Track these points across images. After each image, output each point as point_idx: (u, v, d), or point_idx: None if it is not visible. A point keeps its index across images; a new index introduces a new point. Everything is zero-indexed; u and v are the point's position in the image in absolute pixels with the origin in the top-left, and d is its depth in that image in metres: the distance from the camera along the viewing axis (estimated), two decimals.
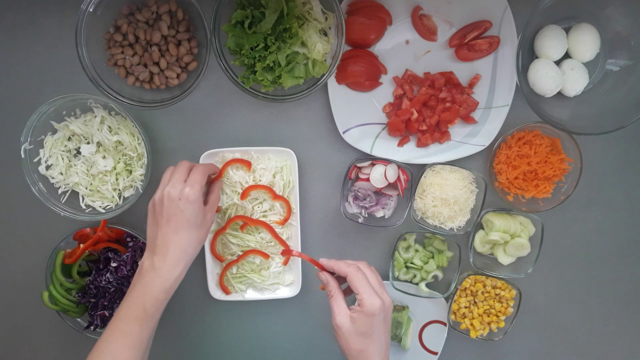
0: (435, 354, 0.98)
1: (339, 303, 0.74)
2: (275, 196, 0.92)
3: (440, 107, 0.91)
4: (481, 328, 0.94)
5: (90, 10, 0.82)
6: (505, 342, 0.96)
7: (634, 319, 1.00)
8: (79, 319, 0.94)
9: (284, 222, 0.93)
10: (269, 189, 0.91)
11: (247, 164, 0.91)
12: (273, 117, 0.94)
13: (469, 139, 0.92)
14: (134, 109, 0.87)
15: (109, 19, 0.87)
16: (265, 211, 0.93)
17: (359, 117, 0.93)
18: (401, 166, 0.91)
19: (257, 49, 0.82)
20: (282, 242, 0.93)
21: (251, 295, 0.96)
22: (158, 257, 0.75)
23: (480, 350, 1.00)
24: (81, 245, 0.89)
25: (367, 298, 0.71)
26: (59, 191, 0.91)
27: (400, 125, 0.91)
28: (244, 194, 0.90)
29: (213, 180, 0.89)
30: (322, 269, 0.78)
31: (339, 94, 0.91)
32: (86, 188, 0.91)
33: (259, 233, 0.94)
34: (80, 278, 0.93)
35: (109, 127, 0.90)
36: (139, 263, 0.78)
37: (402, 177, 0.91)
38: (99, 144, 0.90)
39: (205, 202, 0.82)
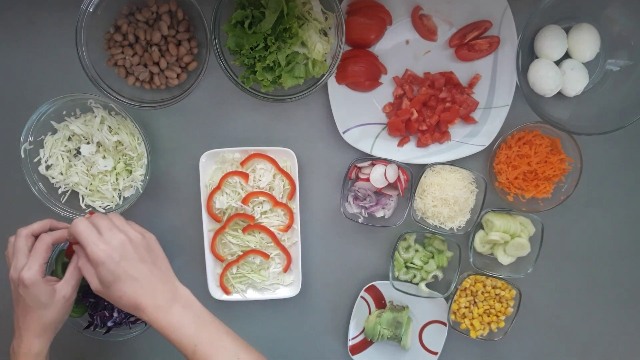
0: (435, 354, 0.98)
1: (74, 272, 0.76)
2: (276, 203, 0.92)
3: (440, 107, 0.91)
4: (481, 328, 0.94)
5: (90, 10, 0.82)
6: (505, 342, 0.96)
7: (634, 319, 1.00)
8: (79, 319, 0.94)
9: (287, 229, 0.93)
10: (269, 196, 0.91)
11: (244, 176, 0.91)
12: (273, 117, 0.94)
13: (469, 139, 0.92)
14: (134, 109, 0.87)
15: (109, 19, 0.87)
16: (266, 211, 0.92)
17: (359, 117, 0.93)
18: (401, 166, 0.91)
19: (257, 49, 0.82)
20: (283, 249, 0.93)
21: (251, 295, 0.96)
22: (16, 340, 0.76)
23: (480, 350, 1.00)
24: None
25: (90, 250, 0.69)
26: (59, 191, 0.91)
27: (400, 125, 0.91)
28: (245, 200, 0.90)
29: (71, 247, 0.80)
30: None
31: (339, 94, 0.91)
32: (86, 188, 0.91)
33: (259, 233, 0.94)
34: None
35: (109, 127, 0.89)
36: None
37: (402, 177, 0.91)
38: (99, 144, 0.90)
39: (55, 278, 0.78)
